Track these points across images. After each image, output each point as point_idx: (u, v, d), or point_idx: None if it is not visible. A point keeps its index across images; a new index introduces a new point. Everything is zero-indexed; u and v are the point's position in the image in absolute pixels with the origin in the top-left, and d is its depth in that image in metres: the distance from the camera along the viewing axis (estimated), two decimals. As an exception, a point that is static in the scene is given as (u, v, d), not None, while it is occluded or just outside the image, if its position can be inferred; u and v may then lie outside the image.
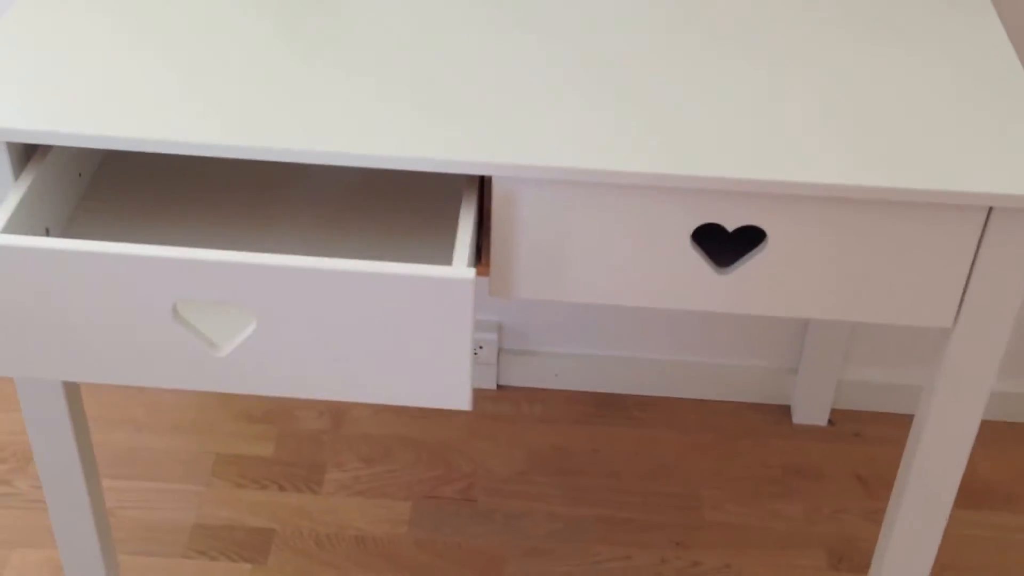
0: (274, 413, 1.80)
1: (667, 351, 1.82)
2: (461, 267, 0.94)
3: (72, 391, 1.24)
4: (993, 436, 1.80)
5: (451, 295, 0.91)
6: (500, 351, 1.83)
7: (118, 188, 1.17)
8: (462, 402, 0.97)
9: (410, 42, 1.13)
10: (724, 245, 1.08)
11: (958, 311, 1.06)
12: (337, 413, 1.80)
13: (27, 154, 1.08)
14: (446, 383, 0.96)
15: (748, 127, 1.04)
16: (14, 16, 1.14)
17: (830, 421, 1.82)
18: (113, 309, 0.96)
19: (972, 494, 1.72)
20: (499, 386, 1.85)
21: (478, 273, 0.97)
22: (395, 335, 0.94)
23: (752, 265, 1.06)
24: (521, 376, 1.85)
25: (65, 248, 0.94)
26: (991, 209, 1.00)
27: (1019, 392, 1.81)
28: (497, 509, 1.67)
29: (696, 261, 1.06)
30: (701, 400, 1.84)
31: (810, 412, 1.81)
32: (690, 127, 1.04)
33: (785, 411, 1.84)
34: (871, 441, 1.79)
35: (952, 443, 1.14)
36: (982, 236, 1.01)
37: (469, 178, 1.05)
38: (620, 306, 1.77)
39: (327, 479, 1.71)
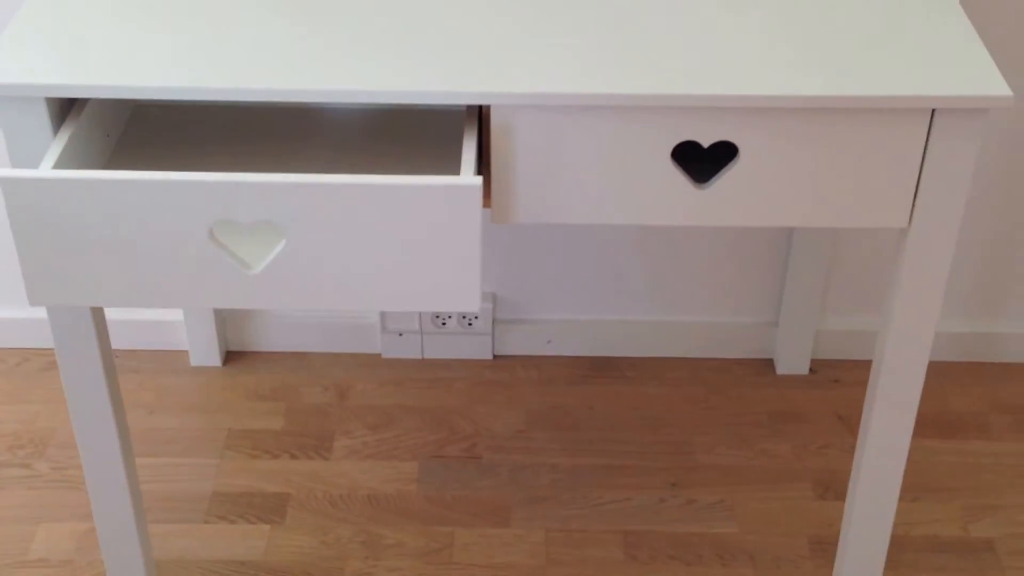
0: (281, 390, 1.89)
1: (654, 312, 1.92)
2: (469, 176, 1.04)
3: (108, 364, 1.32)
4: (962, 374, 1.91)
5: (462, 200, 1.02)
6: (495, 321, 1.92)
7: (141, 149, 1.27)
8: (472, 304, 1.07)
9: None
10: (701, 164, 1.19)
11: (912, 211, 1.17)
12: (341, 387, 1.89)
13: (62, 114, 1.17)
14: (458, 286, 1.06)
15: (715, 51, 1.16)
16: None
17: (811, 370, 1.92)
18: (154, 236, 1.06)
19: (946, 425, 1.83)
20: (495, 356, 1.95)
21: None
22: (411, 243, 1.04)
23: (727, 179, 1.17)
24: (516, 344, 1.94)
25: (110, 178, 1.03)
26: (934, 111, 1.11)
27: (984, 332, 1.92)
28: (501, 464, 1.76)
29: (677, 178, 1.17)
30: (689, 358, 1.94)
31: (792, 363, 1.91)
32: (663, 52, 1.15)
33: (768, 364, 1.94)
34: (850, 385, 1.89)
35: (916, 336, 1.25)
36: (928, 137, 1.12)
37: (469, 111, 1.16)
38: (607, 269, 1.88)
39: (336, 446, 1.79)
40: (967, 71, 1.12)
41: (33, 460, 1.77)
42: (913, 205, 1.17)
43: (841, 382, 1.91)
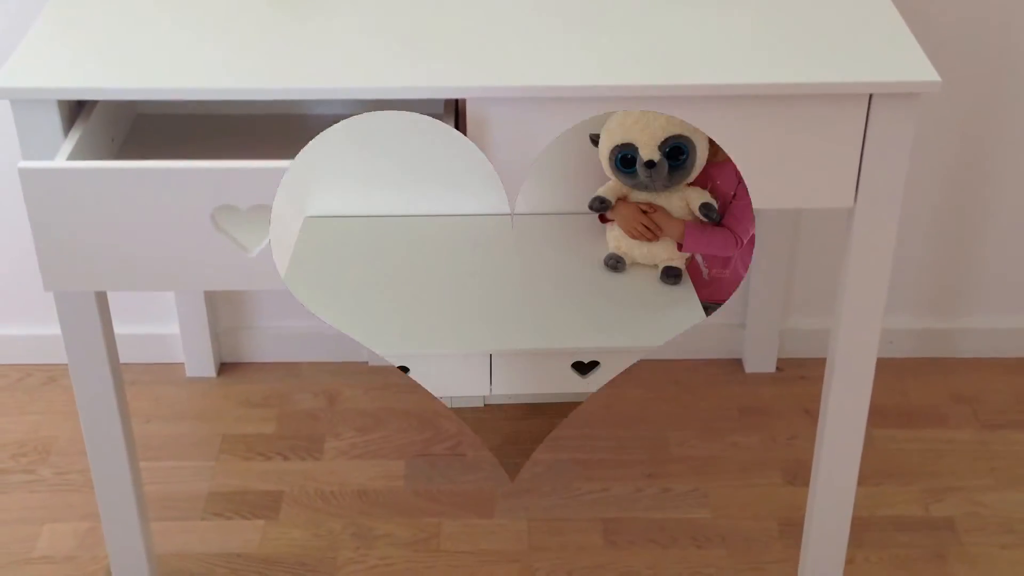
0: (273, 398, 1.97)
1: (626, 316, 2.02)
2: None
3: (116, 371, 1.42)
4: (921, 369, 2.01)
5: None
6: (476, 328, 2.01)
7: (142, 154, 1.37)
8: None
9: None
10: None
11: (856, 190, 1.28)
12: (331, 394, 1.97)
13: (72, 117, 1.27)
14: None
15: (673, 45, 1.27)
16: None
17: (778, 368, 2.02)
18: (159, 222, 1.15)
19: (905, 416, 1.92)
20: (477, 361, 2.04)
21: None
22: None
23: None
24: (496, 350, 2.03)
25: (120, 167, 1.13)
26: (871, 96, 1.22)
27: (941, 329, 2.02)
28: (484, 460, 1.84)
29: (639, 164, 1.27)
30: (661, 360, 2.04)
31: (759, 362, 2.01)
32: (626, 47, 1.26)
33: (737, 363, 2.03)
34: (816, 381, 1.97)
35: (867, 308, 1.35)
36: (867, 121, 1.23)
37: (447, 105, 1.26)
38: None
39: (327, 447, 1.87)
40: (899, 59, 1.24)
41: (36, 466, 1.84)
42: (857, 184, 1.27)
43: (807, 378, 2.00)
